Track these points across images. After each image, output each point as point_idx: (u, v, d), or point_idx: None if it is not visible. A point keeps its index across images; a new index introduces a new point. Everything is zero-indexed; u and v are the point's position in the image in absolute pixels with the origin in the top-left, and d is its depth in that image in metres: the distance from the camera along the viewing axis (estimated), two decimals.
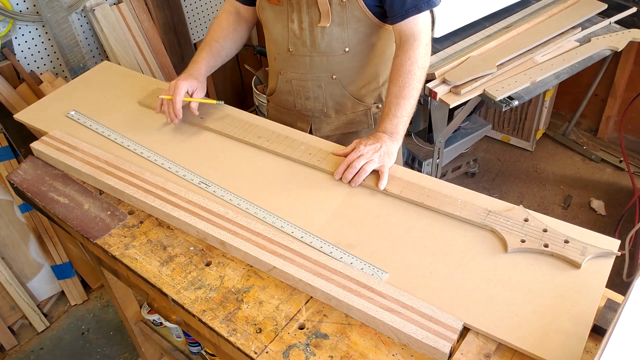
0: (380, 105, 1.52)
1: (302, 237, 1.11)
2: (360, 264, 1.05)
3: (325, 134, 1.55)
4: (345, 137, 1.55)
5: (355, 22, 1.34)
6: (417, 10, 1.29)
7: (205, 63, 1.48)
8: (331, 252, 1.08)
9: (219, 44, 1.50)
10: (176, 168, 1.31)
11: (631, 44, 2.16)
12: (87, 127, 1.46)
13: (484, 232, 1.09)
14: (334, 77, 1.44)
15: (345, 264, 1.04)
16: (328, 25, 1.33)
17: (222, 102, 1.47)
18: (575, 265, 1.00)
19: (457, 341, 0.92)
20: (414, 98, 1.30)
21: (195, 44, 2.66)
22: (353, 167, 1.21)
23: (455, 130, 2.40)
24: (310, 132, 1.56)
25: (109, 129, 1.45)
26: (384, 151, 1.23)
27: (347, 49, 1.38)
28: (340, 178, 1.23)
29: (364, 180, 1.21)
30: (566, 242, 1.03)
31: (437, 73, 1.96)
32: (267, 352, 0.94)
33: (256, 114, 1.47)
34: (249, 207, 1.19)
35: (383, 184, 1.19)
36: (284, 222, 1.15)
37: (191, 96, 1.41)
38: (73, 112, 1.51)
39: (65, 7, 2.07)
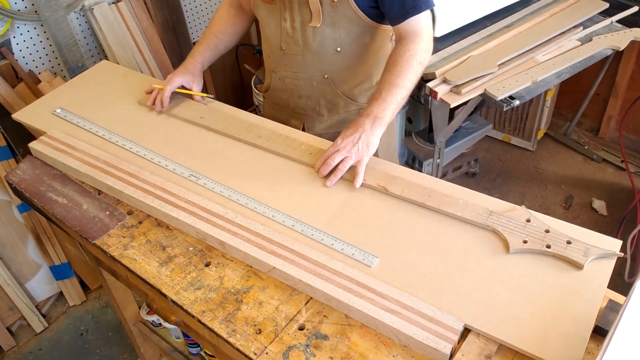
0: None
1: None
2: (351, 250, 1.07)
3: (318, 132, 1.55)
4: (337, 135, 1.53)
5: (347, 23, 1.34)
6: (417, 10, 1.29)
7: (201, 57, 1.52)
8: (322, 240, 1.09)
9: (217, 38, 1.53)
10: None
11: (633, 43, 2.15)
12: (74, 124, 1.47)
13: (486, 233, 1.08)
14: (325, 76, 1.44)
15: (345, 265, 1.03)
16: (319, 25, 1.33)
17: (212, 97, 1.52)
18: (578, 266, 0.99)
19: (458, 342, 0.92)
20: (406, 89, 1.27)
21: (194, 43, 2.65)
22: (327, 164, 1.20)
23: (456, 130, 2.39)
24: (303, 130, 1.56)
25: (97, 125, 1.45)
26: (362, 142, 1.20)
27: (338, 49, 1.38)
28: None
29: (364, 180, 1.20)
30: (569, 242, 1.02)
31: (437, 72, 1.95)
32: (266, 353, 0.94)
33: (256, 113, 1.47)
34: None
35: (358, 183, 1.18)
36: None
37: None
38: (59, 110, 1.51)
39: (64, 6, 2.06)
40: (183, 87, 1.49)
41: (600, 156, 2.91)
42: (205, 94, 1.50)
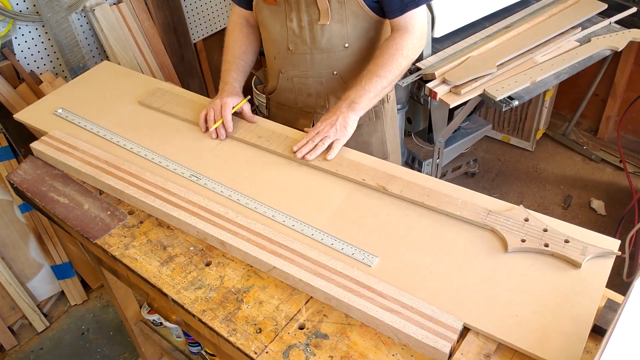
0: (380, 100, 1.51)
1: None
2: (351, 249, 1.07)
3: None
4: None
5: (354, 18, 1.36)
6: (415, 4, 1.31)
7: (238, 83, 1.48)
8: (322, 239, 1.10)
9: (242, 61, 1.51)
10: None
11: (631, 43, 2.16)
12: (75, 124, 1.47)
13: (484, 232, 1.09)
14: (334, 73, 1.45)
15: (345, 265, 1.04)
16: (328, 22, 1.35)
17: (249, 97, 1.48)
18: (576, 265, 1.00)
19: (457, 341, 0.92)
20: (387, 80, 1.32)
21: (195, 44, 2.66)
22: (308, 145, 1.28)
23: (455, 130, 2.40)
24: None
25: (98, 125, 1.46)
26: (340, 124, 1.28)
27: (346, 45, 1.40)
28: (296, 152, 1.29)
29: (364, 180, 1.21)
30: (566, 241, 1.03)
31: (437, 73, 1.96)
32: (267, 352, 0.94)
33: (256, 114, 1.46)
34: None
35: (331, 155, 1.26)
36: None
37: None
38: (61, 110, 1.52)
39: (65, 7, 2.07)
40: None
41: (598, 156, 2.92)
42: (244, 100, 1.43)
